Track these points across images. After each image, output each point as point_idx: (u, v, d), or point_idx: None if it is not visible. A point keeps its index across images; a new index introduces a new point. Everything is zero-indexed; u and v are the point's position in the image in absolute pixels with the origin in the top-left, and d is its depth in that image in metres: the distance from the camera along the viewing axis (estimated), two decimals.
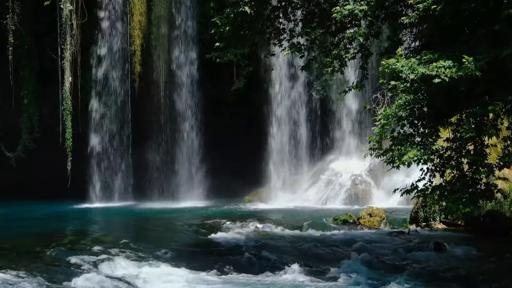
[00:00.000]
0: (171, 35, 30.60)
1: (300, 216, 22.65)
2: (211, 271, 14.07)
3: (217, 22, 13.67)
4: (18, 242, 17.26)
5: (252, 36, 14.18)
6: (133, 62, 30.46)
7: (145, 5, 30.36)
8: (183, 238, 18.91)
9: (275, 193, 29.31)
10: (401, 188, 11.81)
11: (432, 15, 10.51)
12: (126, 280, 13.09)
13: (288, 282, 13.33)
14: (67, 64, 28.76)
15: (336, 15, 11.85)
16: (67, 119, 29.00)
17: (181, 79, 30.70)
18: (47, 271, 13.35)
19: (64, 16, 28.36)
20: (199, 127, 30.76)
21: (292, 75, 30.57)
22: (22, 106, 30.76)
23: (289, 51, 13.92)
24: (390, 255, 15.73)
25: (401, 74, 10.33)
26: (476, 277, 13.30)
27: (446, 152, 11.49)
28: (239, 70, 27.57)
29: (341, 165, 29.17)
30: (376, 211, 20.99)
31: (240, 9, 13.09)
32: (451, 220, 19.20)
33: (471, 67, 9.57)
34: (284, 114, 30.84)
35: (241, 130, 30.09)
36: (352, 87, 13.35)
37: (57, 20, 28.71)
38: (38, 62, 30.80)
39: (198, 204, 28.57)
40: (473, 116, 10.39)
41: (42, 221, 23.44)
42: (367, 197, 26.87)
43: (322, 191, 28.16)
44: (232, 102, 30.10)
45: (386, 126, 10.82)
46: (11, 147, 31.06)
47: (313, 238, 18.16)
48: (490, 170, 10.53)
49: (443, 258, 15.23)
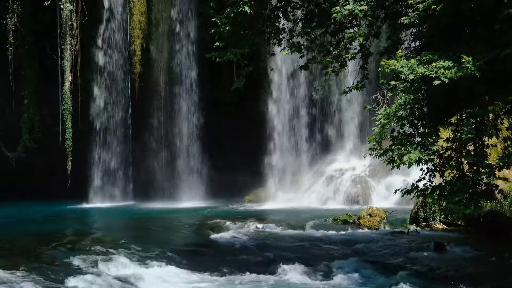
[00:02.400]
0: (171, 35, 30.61)
1: (300, 216, 22.65)
2: (211, 271, 14.06)
3: (217, 22, 13.67)
4: (18, 242, 17.25)
5: (252, 36, 14.17)
6: (133, 62, 30.49)
7: (145, 5, 30.39)
8: (183, 238, 18.90)
9: (275, 193, 29.32)
10: (401, 188, 11.82)
11: (432, 15, 10.50)
12: (126, 280, 13.08)
13: (288, 282, 13.32)
14: (67, 64, 28.78)
15: (336, 15, 11.85)
16: (67, 119, 29.02)
17: (181, 79, 30.72)
18: (47, 271, 13.33)
19: (64, 16, 28.38)
20: (199, 127, 30.78)
21: (292, 75, 30.58)
22: (22, 106, 30.79)
23: (289, 51, 13.91)
24: (390, 255, 15.71)
25: (401, 74, 10.33)
26: (476, 277, 13.29)
27: (446, 152, 11.49)
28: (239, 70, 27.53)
29: (341, 165, 29.18)
30: (376, 211, 20.99)
31: (240, 9, 13.08)
32: (451, 220, 19.19)
33: (470, 67, 9.57)
34: (284, 114, 30.86)
35: (241, 130, 30.09)
36: (352, 87, 13.34)
37: (57, 20, 28.73)
38: (38, 62, 30.81)
39: (198, 204, 28.58)
40: (473, 116, 10.38)
41: (42, 221, 23.45)
42: (367, 197, 26.87)
43: (322, 191, 28.17)
44: (232, 102, 30.09)
45: (386, 126, 10.82)
46: (11, 147, 31.07)
47: (313, 238, 18.15)
48: (491, 170, 10.52)
49: (443, 258, 15.21)
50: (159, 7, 30.57)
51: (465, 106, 10.93)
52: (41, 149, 30.34)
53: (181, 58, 30.67)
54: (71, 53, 28.83)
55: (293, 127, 30.97)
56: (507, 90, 10.01)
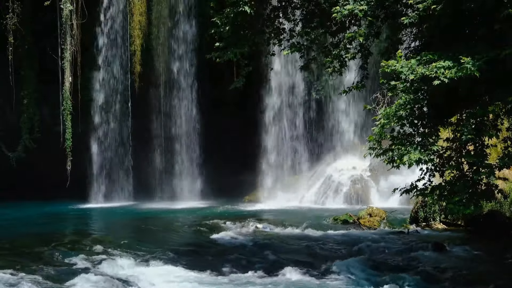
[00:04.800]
0: (171, 35, 30.61)
1: (300, 216, 22.66)
2: (211, 271, 14.06)
3: (217, 22, 13.66)
4: (18, 242, 17.26)
5: (252, 36, 14.17)
6: (133, 62, 30.49)
7: (145, 5, 30.39)
8: (183, 238, 18.91)
9: (275, 193, 29.32)
10: (401, 188, 11.82)
11: (432, 15, 10.50)
12: (126, 280, 13.08)
13: (288, 282, 13.33)
14: (67, 64, 28.78)
15: (336, 15, 11.85)
16: (67, 119, 29.03)
17: (181, 79, 30.71)
18: (47, 271, 13.35)
19: (64, 16, 28.38)
20: (199, 127, 30.77)
21: (292, 75, 30.59)
22: (22, 106, 30.79)
23: (289, 51, 13.91)
24: (390, 255, 15.72)
25: (401, 75, 10.34)
26: (476, 277, 13.29)
27: (446, 152, 11.49)
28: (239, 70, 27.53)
29: (341, 165, 29.18)
30: (376, 211, 20.99)
31: (240, 9, 13.08)
32: (451, 220, 19.19)
33: (470, 67, 9.56)
34: (284, 114, 30.87)
35: (240, 130, 30.09)
36: (352, 87, 13.34)
37: (57, 20, 28.73)
38: (38, 62, 30.81)
39: (198, 204, 28.59)
40: (473, 117, 10.38)
41: (42, 221, 23.45)
42: (367, 197, 26.87)
43: (322, 191, 28.17)
44: (232, 102, 30.10)
45: (386, 126, 10.82)
46: (11, 147, 31.08)
47: (313, 238, 18.16)
48: (491, 170, 10.52)
49: (443, 258, 15.22)
50: (159, 7, 30.57)
51: (465, 106, 10.93)
52: (41, 149, 30.34)
53: (181, 58, 30.67)
54: (71, 53, 28.83)
55: (293, 127, 30.97)
56: (507, 90, 10.00)
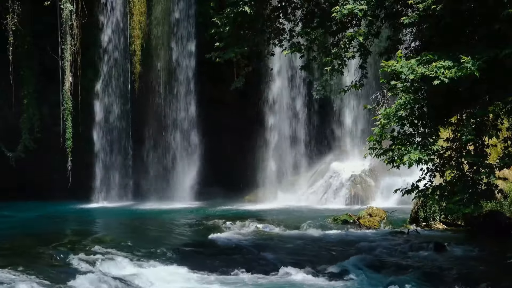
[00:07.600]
0: (171, 35, 30.60)
1: (300, 216, 22.66)
2: (211, 271, 14.07)
3: (217, 22, 13.67)
4: (18, 242, 17.28)
5: (252, 36, 14.17)
6: (133, 62, 30.46)
7: (145, 5, 30.36)
8: (183, 238, 18.91)
9: (275, 193, 29.29)
10: (402, 188, 11.81)
11: (432, 15, 10.50)
12: (126, 280, 13.09)
13: (288, 282, 13.33)
14: (67, 64, 28.76)
15: (336, 15, 11.86)
16: (67, 119, 29.01)
17: (181, 78, 30.70)
18: (47, 271, 13.36)
19: (64, 16, 28.36)
20: (199, 127, 30.75)
21: (292, 75, 30.58)
22: (22, 106, 30.74)
23: (289, 51, 13.92)
24: (390, 255, 15.72)
25: (401, 75, 10.34)
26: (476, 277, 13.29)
27: (446, 152, 11.49)
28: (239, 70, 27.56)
29: (341, 165, 29.17)
30: (376, 211, 20.99)
31: (240, 9, 13.09)
32: (451, 220, 19.19)
33: (470, 67, 9.56)
34: (284, 114, 30.85)
35: (240, 130, 30.08)
36: (351, 86, 13.34)
37: (57, 20, 28.71)
38: (38, 62, 30.77)
39: (198, 204, 28.57)
40: (473, 117, 10.38)
41: (42, 221, 23.45)
42: (367, 197, 26.87)
43: (322, 191, 28.16)
44: (232, 102, 30.08)
45: (386, 126, 10.81)
46: (11, 147, 31.04)
47: (313, 238, 18.16)
48: (491, 170, 10.52)
49: (443, 258, 15.23)
50: (159, 7, 30.56)
51: (465, 106, 10.94)
52: (41, 149, 30.33)
53: (181, 58, 30.65)
54: (71, 53, 28.81)
55: (293, 127, 30.96)
56: (507, 90, 10.01)
